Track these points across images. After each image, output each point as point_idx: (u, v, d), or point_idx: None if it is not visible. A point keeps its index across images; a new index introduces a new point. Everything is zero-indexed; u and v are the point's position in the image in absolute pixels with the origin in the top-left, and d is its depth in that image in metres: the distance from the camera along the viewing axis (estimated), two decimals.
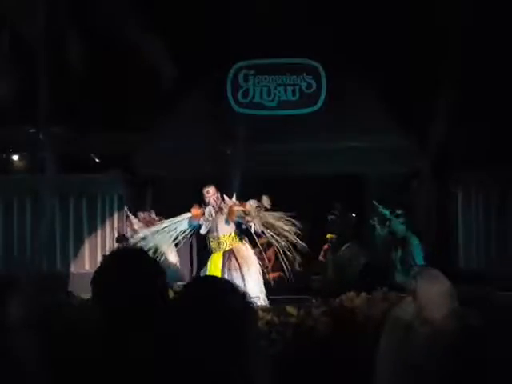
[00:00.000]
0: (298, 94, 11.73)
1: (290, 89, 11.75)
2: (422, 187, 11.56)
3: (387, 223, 10.82)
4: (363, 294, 5.91)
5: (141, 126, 12.04)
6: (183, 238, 7.97)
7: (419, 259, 10.42)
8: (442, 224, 11.19)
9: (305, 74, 11.72)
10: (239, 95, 11.74)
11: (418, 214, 11.25)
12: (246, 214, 7.60)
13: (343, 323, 5.18)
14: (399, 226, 10.71)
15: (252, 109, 11.74)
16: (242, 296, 2.06)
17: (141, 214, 10.35)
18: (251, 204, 7.73)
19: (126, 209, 11.01)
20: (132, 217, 10.50)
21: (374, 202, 10.75)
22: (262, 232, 7.61)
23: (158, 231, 7.92)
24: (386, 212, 10.77)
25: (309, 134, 11.41)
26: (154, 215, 10.35)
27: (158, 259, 2.09)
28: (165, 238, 7.89)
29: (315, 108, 11.63)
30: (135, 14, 10.50)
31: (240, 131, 11.44)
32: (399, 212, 10.69)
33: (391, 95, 11.47)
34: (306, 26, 11.65)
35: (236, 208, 7.65)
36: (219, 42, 11.61)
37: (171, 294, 2.10)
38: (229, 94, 11.70)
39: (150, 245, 7.80)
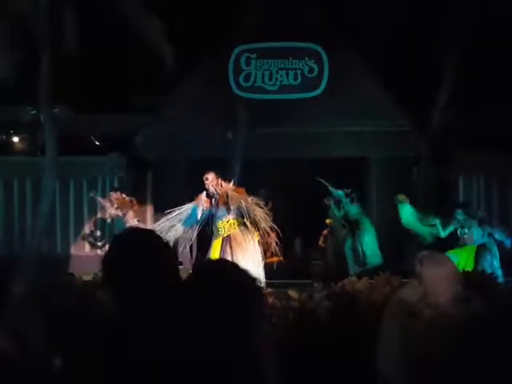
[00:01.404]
0: (299, 78, 11.69)
1: (291, 73, 11.70)
2: (422, 171, 11.56)
3: (341, 205, 10.84)
4: (364, 279, 5.93)
5: (142, 109, 12.02)
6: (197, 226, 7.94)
7: (370, 245, 10.40)
8: (443, 208, 11.18)
9: (307, 59, 11.67)
10: (241, 79, 11.70)
11: (419, 198, 11.25)
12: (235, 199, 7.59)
13: (345, 307, 5.19)
14: (351, 208, 10.70)
15: (254, 93, 11.69)
16: (249, 277, 2.07)
17: (113, 195, 10.24)
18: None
19: (92, 194, 10.95)
20: (102, 200, 10.42)
21: (322, 180, 10.70)
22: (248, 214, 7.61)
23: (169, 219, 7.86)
24: (340, 193, 10.77)
25: (310, 118, 11.38)
26: (125, 195, 10.29)
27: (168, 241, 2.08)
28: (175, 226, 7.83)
29: (317, 92, 11.59)
30: None
31: (241, 115, 11.41)
32: (351, 192, 10.68)
33: (392, 80, 11.44)
34: (308, 9, 11.60)
35: (230, 194, 7.63)
36: (222, 25, 11.57)
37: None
38: (230, 77, 11.65)
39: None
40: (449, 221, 9.25)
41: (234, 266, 2.12)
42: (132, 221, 9.89)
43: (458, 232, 9.10)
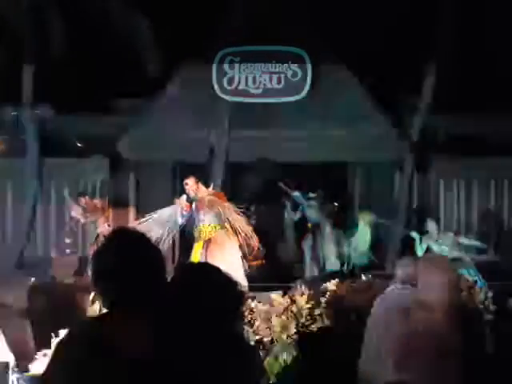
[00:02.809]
0: (283, 82, 11.70)
1: (275, 76, 11.71)
2: (404, 176, 11.64)
3: (300, 207, 10.86)
4: (347, 282, 5.96)
5: (125, 111, 11.97)
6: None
7: (327, 249, 10.43)
8: (423, 212, 11.28)
9: (290, 62, 11.68)
10: (224, 82, 11.68)
11: (401, 202, 11.35)
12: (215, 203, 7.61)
13: (327, 310, 5.21)
14: (311, 211, 10.71)
15: (237, 96, 11.68)
16: (229, 279, 2.10)
17: (81, 200, 10.11)
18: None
19: (66, 194, 10.74)
20: (74, 205, 10.28)
21: (281, 184, 10.72)
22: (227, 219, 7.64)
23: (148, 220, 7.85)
24: (297, 195, 10.79)
25: (294, 121, 11.41)
26: (96, 201, 10.20)
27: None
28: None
29: (300, 96, 11.61)
30: None
31: (224, 118, 11.42)
32: (312, 195, 10.71)
33: (375, 84, 11.52)
34: (292, 13, 11.64)
35: (208, 198, 7.66)
36: (206, 28, 11.56)
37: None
38: (214, 80, 11.63)
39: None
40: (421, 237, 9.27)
41: (215, 269, 2.14)
42: (103, 226, 9.77)
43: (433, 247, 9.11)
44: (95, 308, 5.31)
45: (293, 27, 11.52)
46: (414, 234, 9.32)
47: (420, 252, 9.15)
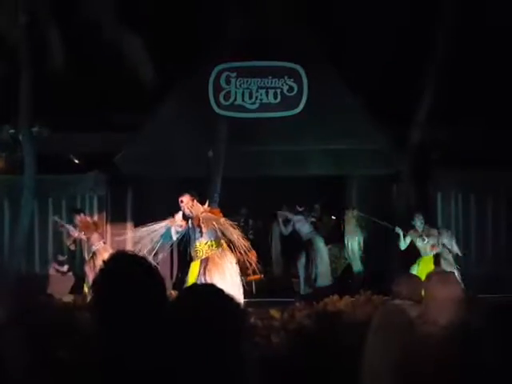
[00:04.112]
0: (279, 97, 11.75)
1: (271, 91, 11.76)
2: (401, 189, 11.65)
3: (291, 222, 10.84)
4: (346, 297, 5.95)
5: (122, 127, 11.99)
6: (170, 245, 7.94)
7: (321, 266, 10.40)
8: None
9: (286, 77, 11.74)
10: (221, 97, 11.72)
11: (398, 216, 11.34)
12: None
13: (327, 326, 5.20)
14: (302, 227, 10.69)
15: (233, 111, 11.72)
16: (234, 303, 2.09)
17: (77, 217, 9.95)
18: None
19: (56, 218, 10.59)
20: (66, 225, 10.15)
21: (279, 213, 10.72)
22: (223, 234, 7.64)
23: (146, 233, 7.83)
24: (285, 213, 10.79)
25: (290, 136, 11.44)
26: (89, 218, 10.15)
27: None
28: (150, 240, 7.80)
29: (296, 111, 11.65)
30: (117, 14, 10.44)
31: (221, 133, 11.44)
32: (300, 209, 10.70)
33: (371, 98, 11.56)
34: (288, 29, 11.70)
35: (203, 215, 7.63)
36: (202, 44, 11.61)
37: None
38: (210, 96, 11.67)
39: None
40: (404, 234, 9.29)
41: (217, 291, 2.13)
42: (98, 243, 9.70)
43: (417, 241, 9.11)
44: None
45: (289, 42, 11.58)
46: (398, 229, 9.34)
47: (403, 246, 9.18)
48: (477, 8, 10.61)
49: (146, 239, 7.62)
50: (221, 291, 2.11)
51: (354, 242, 10.26)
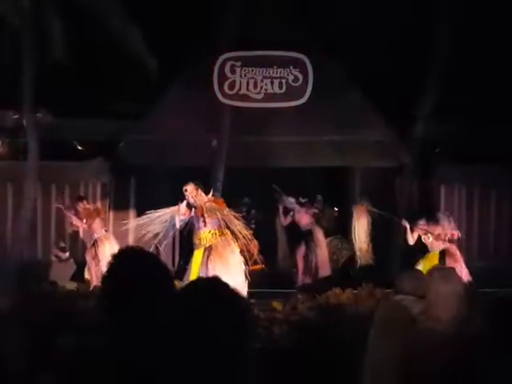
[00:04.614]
0: (284, 87, 11.70)
1: (276, 81, 11.71)
2: (405, 182, 11.64)
3: (291, 213, 10.82)
4: (349, 290, 5.95)
5: (125, 115, 11.96)
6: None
7: (321, 256, 10.34)
8: (425, 219, 11.27)
9: (292, 67, 11.69)
10: (225, 86, 11.68)
11: (401, 208, 11.34)
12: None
13: (329, 319, 5.21)
14: (303, 218, 10.65)
15: (238, 100, 11.68)
16: (240, 299, 2.09)
17: (79, 204, 10.01)
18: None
19: (59, 205, 10.63)
20: (68, 212, 10.18)
21: (275, 186, 10.68)
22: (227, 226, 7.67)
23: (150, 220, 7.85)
24: (291, 200, 10.75)
25: (294, 126, 11.42)
26: (90, 205, 10.15)
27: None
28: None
29: (301, 101, 11.61)
30: (121, 2, 10.41)
31: (225, 123, 11.42)
32: (302, 200, 10.67)
33: (376, 89, 11.52)
34: (293, 18, 11.66)
35: (207, 205, 7.66)
36: (207, 32, 11.57)
37: None
38: (215, 85, 11.63)
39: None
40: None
41: (221, 285, 2.12)
42: (100, 231, 9.71)
43: (422, 238, 9.08)
44: None
45: (294, 32, 11.54)
46: (405, 223, 9.31)
47: (411, 241, 9.16)
48: (483, 5, 10.57)
49: (150, 227, 7.66)
50: (225, 286, 2.11)
51: (363, 235, 10.17)
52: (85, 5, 10.14)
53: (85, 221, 9.81)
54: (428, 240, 8.78)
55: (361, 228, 10.04)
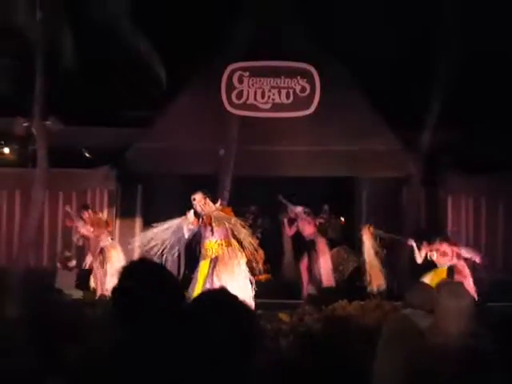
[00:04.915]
0: (291, 97, 11.73)
1: (284, 91, 11.74)
2: (411, 193, 11.63)
3: (295, 223, 10.79)
4: (356, 302, 5.93)
5: (133, 123, 12.03)
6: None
7: (325, 267, 10.27)
8: (431, 229, 11.25)
9: (299, 77, 11.72)
10: (233, 96, 11.71)
11: (408, 219, 11.33)
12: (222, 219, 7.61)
13: (336, 331, 5.20)
14: (307, 228, 10.62)
15: (246, 110, 11.71)
16: (248, 312, 2.10)
17: (85, 213, 10.08)
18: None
19: (68, 209, 10.62)
20: (76, 220, 10.17)
21: (280, 198, 10.67)
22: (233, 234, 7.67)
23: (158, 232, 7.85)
24: (299, 208, 10.72)
25: (301, 136, 11.44)
26: (100, 214, 10.19)
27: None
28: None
29: (309, 111, 11.63)
30: (129, 10, 10.48)
31: (233, 132, 11.45)
32: (307, 211, 10.65)
33: (383, 100, 11.54)
34: (301, 29, 11.70)
35: (215, 214, 7.65)
36: (216, 43, 11.62)
37: None
38: (223, 94, 11.66)
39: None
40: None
41: (230, 298, 2.13)
42: (106, 239, 9.76)
43: (428, 256, 9.02)
44: None
45: (302, 43, 11.57)
46: (411, 241, 9.27)
47: (419, 259, 9.10)
48: (488, 13, 10.57)
49: (158, 238, 7.66)
50: (234, 298, 2.12)
51: (374, 259, 10.06)
52: (95, 16, 10.22)
53: (92, 229, 9.84)
54: (434, 257, 8.75)
55: (369, 250, 9.98)
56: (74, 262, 11.28)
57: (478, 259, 8.71)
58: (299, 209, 10.70)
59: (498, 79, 11.36)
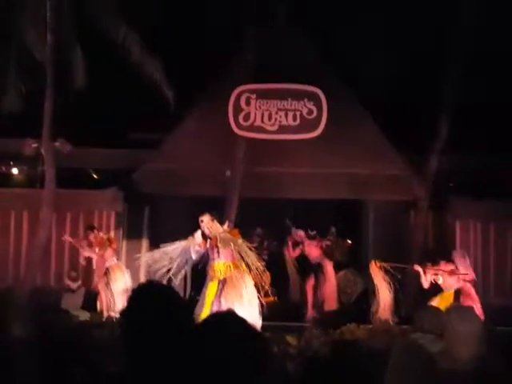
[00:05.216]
0: (298, 119, 11.77)
1: (290, 114, 11.79)
2: (419, 217, 11.60)
3: (300, 246, 10.75)
4: (364, 326, 5.90)
5: (141, 145, 12.09)
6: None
7: (328, 290, 10.18)
8: (437, 252, 11.20)
9: (306, 100, 11.77)
10: (240, 118, 11.77)
11: (415, 242, 11.28)
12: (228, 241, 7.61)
13: (344, 355, 5.15)
14: (312, 250, 10.57)
15: (253, 132, 11.76)
16: (258, 336, 2.09)
17: (90, 234, 10.11)
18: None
19: (66, 238, 10.63)
20: (81, 244, 10.20)
21: (287, 221, 10.64)
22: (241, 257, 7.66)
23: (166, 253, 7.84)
24: (301, 233, 10.68)
25: (308, 159, 11.46)
26: (102, 234, 10.19)
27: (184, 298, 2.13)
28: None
29: (315, 134, 11.66)
30: (138, 33, 10.59)
31: (240, 154, 11.49)
32: (313, 233, 10.62)
33: (389, 124, 11.58)
34: (308, 52, 11.78)
35: (222, 236, 7.66)
36: (223, 65, 11.71)
37: None
38: (230, 116, 11.72)
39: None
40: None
41: (239, 321, 2.12)
42: (111, 259, 9.77)
43: (433, 279, 8.93)
44: None
45: (309, 66, 11.64)
46: (418, 268, 9.19)
47: (425, 284, 9.02)
48: (494, 32, 10.60)
49: (165, 259, 7.66)
50: (243, 321, 2.11)
51: (385, 293, 9.91)
52: (104, 37, 10.32)
53: (97, 250, 9.85)
54: (439, 281, 8.68)
55: (381, 285, 9.86)
56: (79, 283, 11.27)
57: (471, 276, 8.63)
58: (301, 233, 10.68)
59: (506, 105, 11.39)
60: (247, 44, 11.55)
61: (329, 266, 10.52)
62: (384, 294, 8.90)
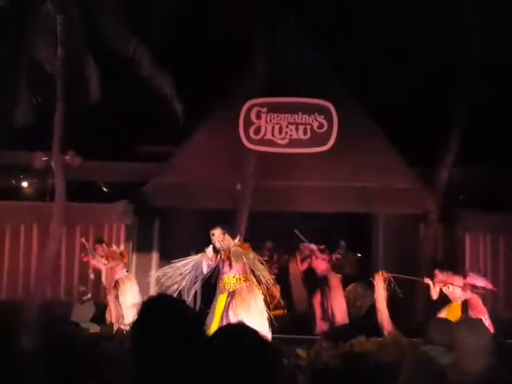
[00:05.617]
0: (309, 133, 11.78)
1: (301, 127, 11.80)
2: (429, 230, 11.56)
3: (308, 259, 10.72)
4: (374, 339, 5.86)
5: (151, 158, 12.13)
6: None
7: (337, 303, 10.10)
8: (448, 267, 11.13)
9: (317, 114, 11.79)
10: (251, 131, 11.80)
11: (425, 255, 11.24)
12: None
13: (354, 368, 5.13)
14: (320, 264, 10.54)
15: (263, 146, 11.78)
16: (269, 346, 2.08)
17: (98, 248, 10.09)
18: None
19: (84, 240, 10.57)
20: (93, 253, 10.16)
21: (296, 231, 10.62)
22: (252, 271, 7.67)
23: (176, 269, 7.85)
24: (312, 246, 10.65)
25: (318, 172, 11.46)
26: (114, 247, 10.20)
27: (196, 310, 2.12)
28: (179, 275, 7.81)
29: (326, 147, 11.67)
30: (149, 47, 10.67)
31: (250, 167, 11.50)
32: (321, 247, 10.59)
33: (401, 137, 11.57)
34: (318, 66, 11.82)
35: (233, 249, 7.66)
36: (234, 78, 11.76)
37: None
38: (241, 129, 11.75)
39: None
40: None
41: (251, 333, 2.11)
42: (120, 272, 9.78)
43: (443, 289, 8.88)
44: None
45: (320, 80, 11.67)
46: (428, 280, 9.14)
47: (435, 295, 8.96)
48: (506, 45, 10.61)
49: (177, 274, 7.67)
50: (255, 333, 2.10)
51: (381, 304, 9.84)
52: (114, 51, 10.40)
53: (107, 262, 9.86)
54: (448, 290, 8.64)
55: (381, 297, 9.81)
56: (89, 295, 11.28)
57: (489, 286, 8.59)
58: (313, 246, 10.65)
59: None
60: (258, 57, 11.59)
61: (334, 280, 10.49)
62: (381, 306, 8.86)
